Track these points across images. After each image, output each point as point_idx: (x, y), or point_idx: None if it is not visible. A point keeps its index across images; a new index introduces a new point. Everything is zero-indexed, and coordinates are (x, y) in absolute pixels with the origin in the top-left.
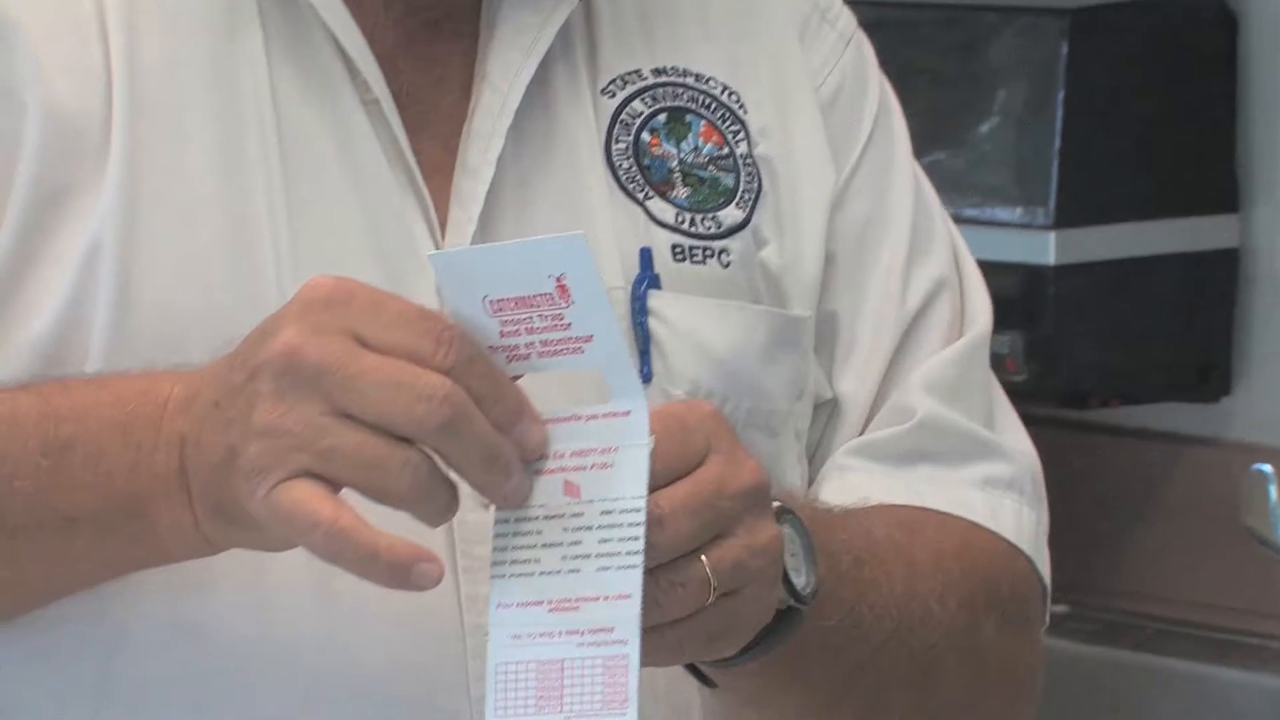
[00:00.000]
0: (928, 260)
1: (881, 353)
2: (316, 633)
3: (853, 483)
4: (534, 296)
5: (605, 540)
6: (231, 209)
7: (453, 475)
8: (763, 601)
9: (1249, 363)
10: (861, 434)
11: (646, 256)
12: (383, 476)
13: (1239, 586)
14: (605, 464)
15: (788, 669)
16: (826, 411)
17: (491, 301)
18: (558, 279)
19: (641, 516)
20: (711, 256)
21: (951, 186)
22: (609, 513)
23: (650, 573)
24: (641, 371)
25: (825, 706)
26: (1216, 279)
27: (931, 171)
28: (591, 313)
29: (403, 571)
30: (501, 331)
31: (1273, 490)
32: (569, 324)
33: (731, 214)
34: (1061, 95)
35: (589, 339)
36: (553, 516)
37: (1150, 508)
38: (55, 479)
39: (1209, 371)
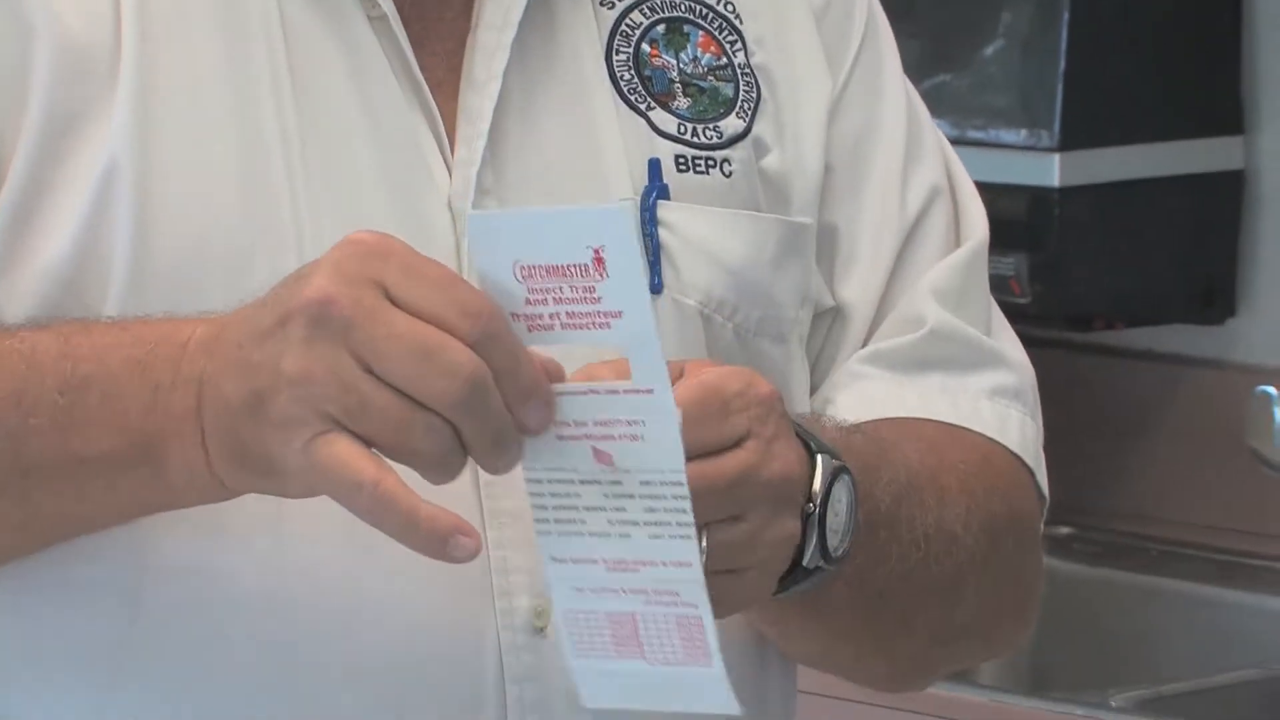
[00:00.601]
0: (921, 168)
1: (883, 260)
2: (338, 577)
3: (870, 392)
4: (568, 266)
5: (652, 510)
6: (242, 129)
7: None
8: (757, 587)
9: (1254, 285)
10: (867, 340)
11: (655, 167)
12: (408, 438)
13: (1242, 508)
14: (634, 435)
15: (808, 599)
16: (828, 320)
17: (522, 267)
18: (595, 250)
19: (685, 490)
20: (714, 166)
21: (956, 109)
22: (649, 483)
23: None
24: (652, 282)
25: (846, 629)
26: (1221, 201)
27: (936, 94)
28: (625, 288)
29: (440, 542)
30: (528, 299)
31: (1277, 412)
32: (599, 298)
33: (732, 123)
34: (1066, 17)
35: (618, 315)
36: (588, 482)
37: (1154, 430)
38: (71, 417)
39: (1214, 294)
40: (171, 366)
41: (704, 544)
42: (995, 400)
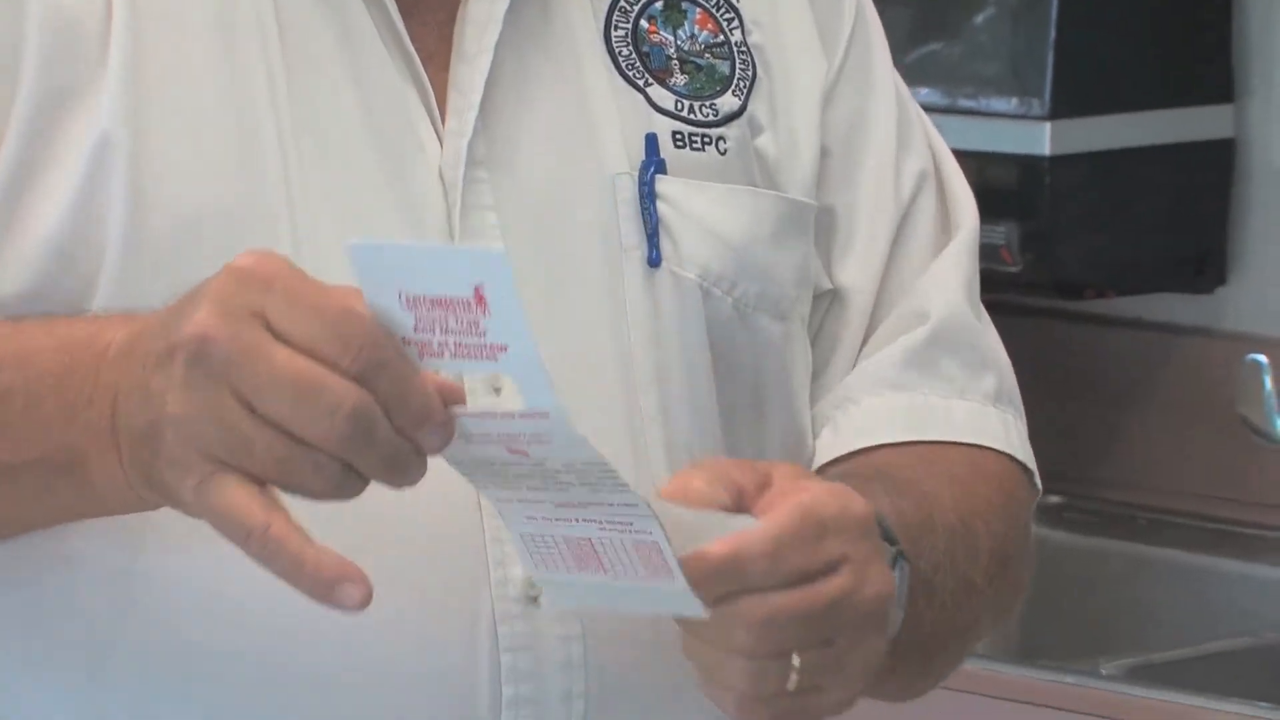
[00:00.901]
0: (911, 154)
1: (880, 244)
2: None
3: (888, 409)
4: (450, 299)
5: (585, 482)
6: (233, 101)
7: None
8: (840, 703)
9: (1244, 253)
10: (868, 329)
11: (652, 142)
12: (295, 476)
13: (1233, 476)
14: (542, 442)
15: None
16: (826, 302)
17: (407, 297)
18: (476, 288)
19: (610, 466)
20: (710, 144)
21: (947, 77)
22: (571, 464)
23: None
24: (650, 256)
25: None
26: (1212, 170)
27: (927, 62)
28: (508, 325)
29: (326, 587)
30: (416, 326)
31: (1267, 380)
32: (484, 331)
33: (728, 101)
34: None
35: (504, 349)
36: (511, 464)
37: (1145, 398)
38: None
39: (1204, 262)
40: (90, 378)
41: (796, 664)
42: (1000, 408)
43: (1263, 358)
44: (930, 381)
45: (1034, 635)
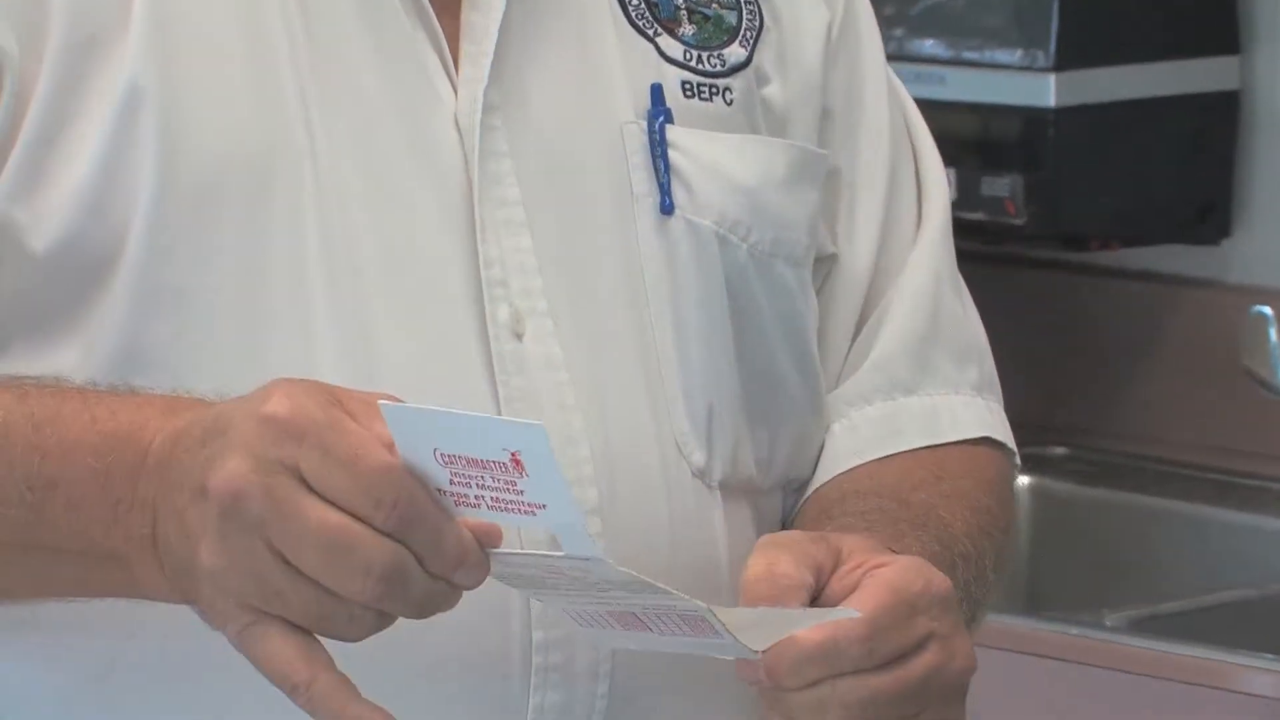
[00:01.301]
0: (897, 116)
1: (877, 211)
2: None
3: (897, 423)
4: (487, 461)
5: (632, 592)
6: (254, 51)
7: None
8: None
9: (1249, 205)
10: (866, 302)
11: (658, 92)
12: (331, 626)
13: (1238, 428)
14: (586, 572)
15: None
16: (826, 267)
17: (443, 455)
18: (513, 454)
19: (658, 586)
20: (717, 94)
21: (952, 29)
22: (615, 584)
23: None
24: (662, 203)
25: None
26: (1217, 121)
27: (932, 15)
28: (547, 487)
29: None
30: (451, 479)
31: (1272, 332)
32: (522, 491)
33: (735, 52)
34: None
35: (543, 506)
36: (556, 581)
37: (1150, 350)
38: (39, 514)
39: (1209, 214)
40: (130, 481)
41: None
42: (985, 397)
43: (1268, 309)
44: (929, 380)
45: (1038, 587)
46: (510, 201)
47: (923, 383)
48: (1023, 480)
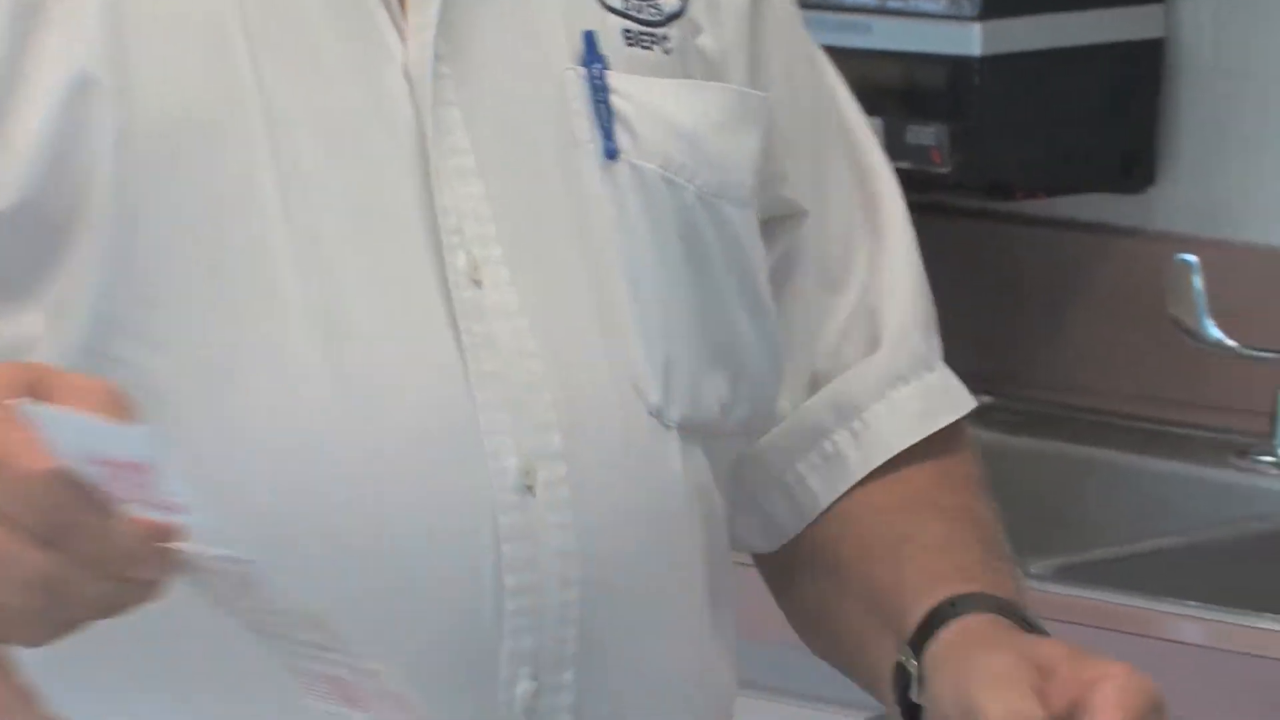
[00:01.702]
0: (826, 73)
1: (820, 159)
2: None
3: (897, 424)
4: (128, 462)
5: (314, 628)
6: (206, 8)
7: None
8: None
9: (1174, 153)
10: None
11: (590, 39)
12: (9, 636)
13: (1164, 376)
14: (255, 585)
15: None
16: (783, 221)
17: (91, 458)
18: (142, 459)
19: (321, 621)
20: (657, 43)
21: None
22: (294, 615)
23: None
24: (606, 148)
25: None
26: (1143, 69)
27: None
28: (181, 489)
29: None
30: (111, 478)
31: (1197, 280)
32: (164, 491)
33: (669, 1)
34: None
35: (186, 509)
36: (251, 606)
37: (1076, 298)
38: None
39: (1135, 162)
40: None
41: None
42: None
43: (1192, 257)
44: (936, 354)
45: None
46: (461, 149)
47: (934, 358)
48: None
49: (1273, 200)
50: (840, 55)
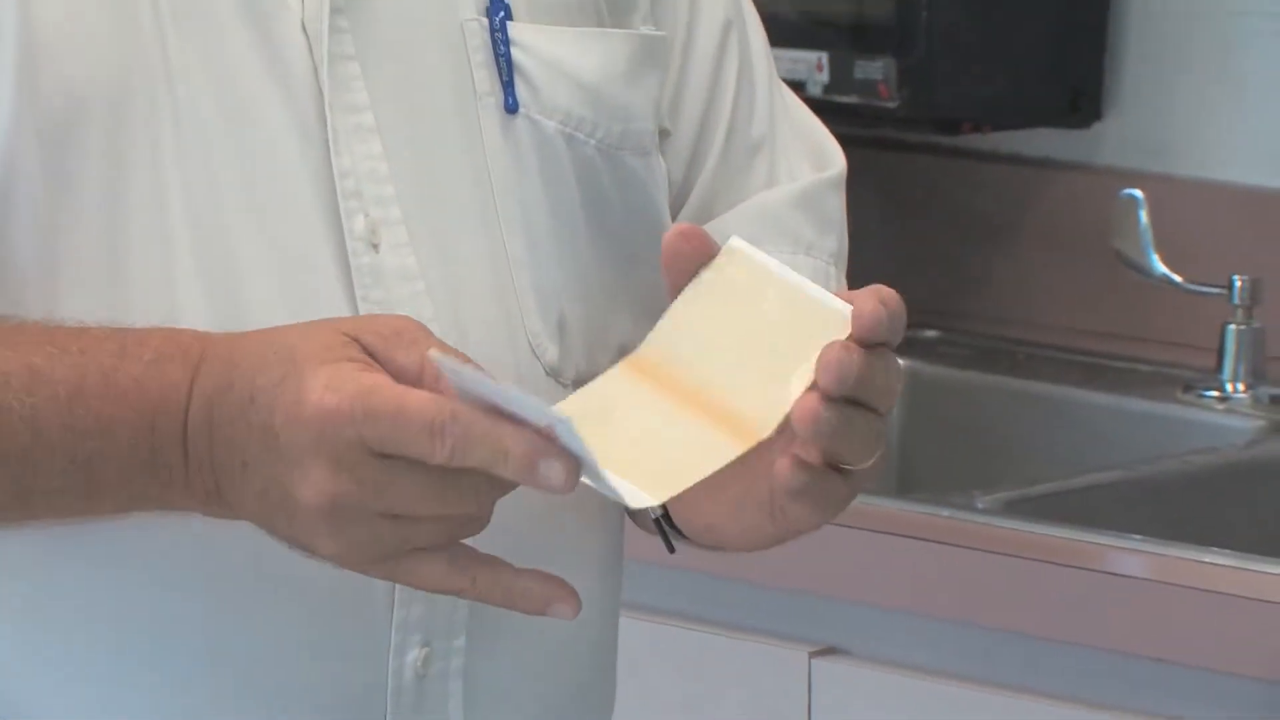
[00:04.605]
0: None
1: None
2: None
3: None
4: (525, 420)
5: None
6: None
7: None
8: (854, 493)
9: (1121, 88)
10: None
11: None
12: (460, 537)
13: (1109, 311)
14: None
15: None
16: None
17: (485, 405)
18: (546, 428)
19: None
20: None
21: None
22: None
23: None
24: (506, 102)
25: None
26: (1090, 5)
27: None
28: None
29: (540, 610)
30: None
31: (1142, 215)
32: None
33: None
34: None
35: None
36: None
37: (1021, 233)
38: (86, 485)
39: (1081, 97)
40: (178, 450)
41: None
42: (839, 268)
43: (1138, 192)
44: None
45: (909, 469)
46: (360, 107)
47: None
48: None
49: (1218, 136)
50: None
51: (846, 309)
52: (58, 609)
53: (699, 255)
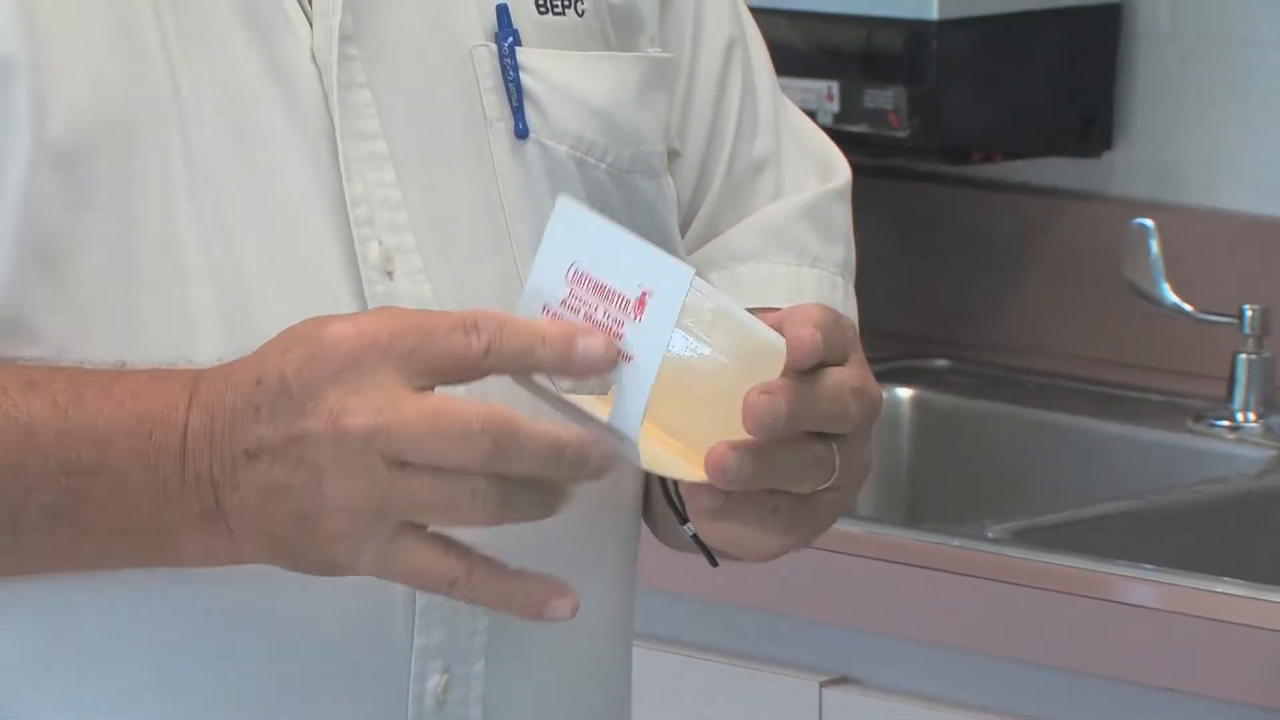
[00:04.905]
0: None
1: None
2: None
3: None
4: (613, 291)
5: None
6: (114, 2)
7: None
8: (839, 508)
9: (1131, 117)
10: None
11: (504, 14)
12: (458, 513)
13: (1119, 340)
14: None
15: None
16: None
17: (575, 271)
18: (643, 292)
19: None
20: (569, 6)
21: None
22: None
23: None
24: (516, 127)
25: None
26: (1099, 33)
27: None
28: (648, 342)
29: (537, 609)
30: (564, 300)
31: (1153, 244)
32: (622, 336)
33: None
34: None
35: (629, 360)
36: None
37: (1032, 262)
38: (77, 498)
39: (1091, 126)
40: (176, 462)
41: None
42: (846, 278)
43: (1148, 222)
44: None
45: (920, 498)
46: (371, 135)
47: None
48: (904, 392)
49: (1229, 165)
50: (798, 19)
51: (780, 342)
52: (73, 640)
53: None
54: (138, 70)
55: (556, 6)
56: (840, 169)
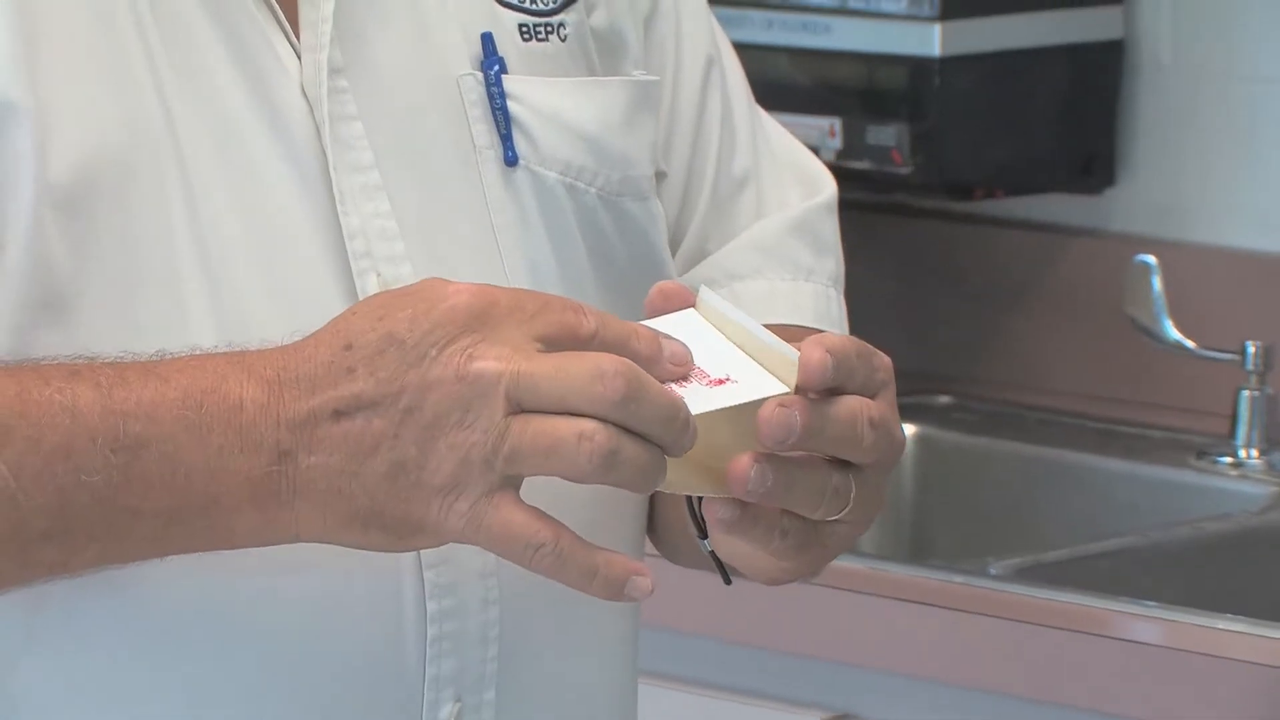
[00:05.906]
0: (700, 34)
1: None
2: None
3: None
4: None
5: None
6: (108, 42)
7: None
8: (845, 543)
9: (1133, 154)
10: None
11: (489, 41)
12: (563, 458)
13: (1121, 377)
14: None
15: None
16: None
17: (704, 347)
18: (726, 378)
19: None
20: (552, 32)
21: None
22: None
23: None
24: (505, 155)
25: None
26: (1101, 70)
27: None
28: (704, 397)
29: (618, 586)
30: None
31: (1155, 281)
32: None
33: None
34: None
35: (684, 386)
36: None
37: (1034, 299)
38: (127, 475)
39: (1093, 163)
40: (232, 430)
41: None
42: (838, 290)
43: (1151, 258)
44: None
45: (923, 535)
46: (365, 166)
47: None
48: (907, 429)
49: (1231, 201)
50: (801, 55)
51: (794, 354)
52: (92, 665)
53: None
54: (133, 111)
55: (540, 33)
56: (825, 183)
